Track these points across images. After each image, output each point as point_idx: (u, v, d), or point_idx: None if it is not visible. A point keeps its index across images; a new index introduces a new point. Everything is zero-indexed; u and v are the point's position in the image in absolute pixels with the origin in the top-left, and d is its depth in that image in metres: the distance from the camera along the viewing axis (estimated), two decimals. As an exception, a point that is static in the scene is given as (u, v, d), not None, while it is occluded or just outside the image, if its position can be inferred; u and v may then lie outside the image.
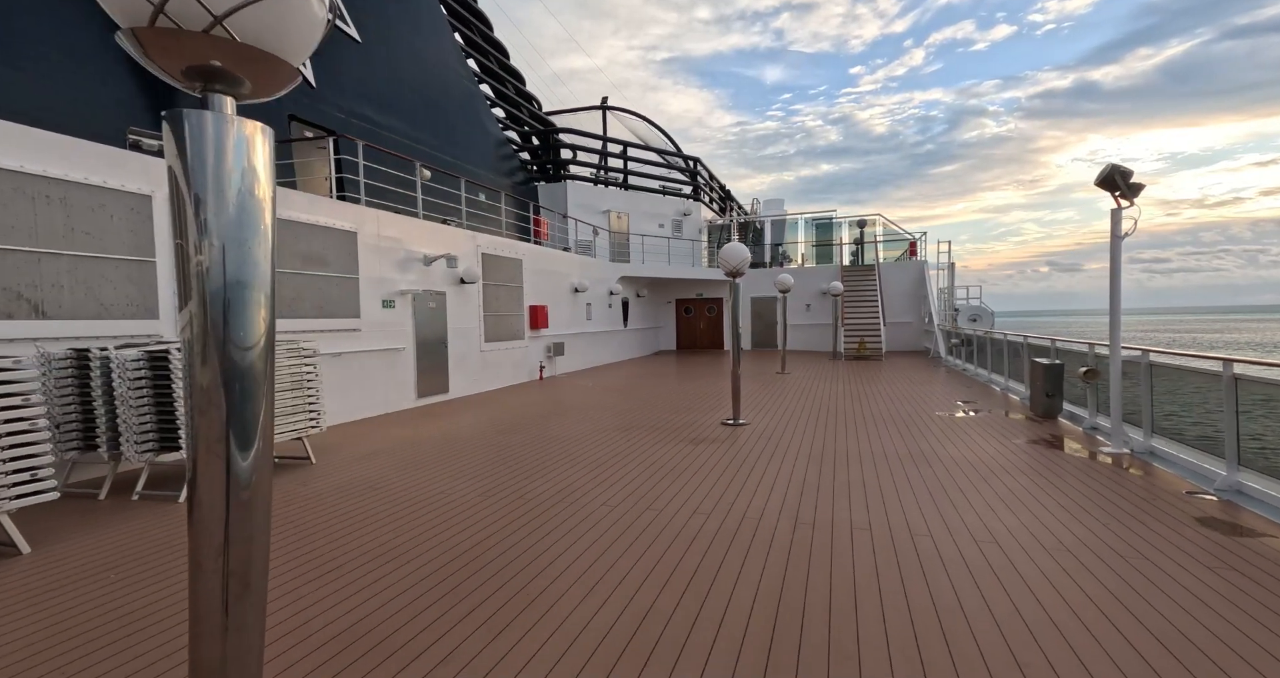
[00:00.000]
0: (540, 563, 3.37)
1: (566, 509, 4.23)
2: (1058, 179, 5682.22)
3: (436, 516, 4.16)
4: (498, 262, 11.64)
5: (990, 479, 4.87)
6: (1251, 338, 61.03)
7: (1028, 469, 5.15)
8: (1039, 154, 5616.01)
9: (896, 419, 7.63)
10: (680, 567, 3.30)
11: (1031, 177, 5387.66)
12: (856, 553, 3.45)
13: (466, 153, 15.12)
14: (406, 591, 3.05)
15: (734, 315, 7.49)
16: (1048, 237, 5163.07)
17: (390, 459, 5.77)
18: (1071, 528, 3.76)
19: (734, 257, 7.31)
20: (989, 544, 3.54)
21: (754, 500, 4.42)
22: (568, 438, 6.74)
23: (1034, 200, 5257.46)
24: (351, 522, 4.07)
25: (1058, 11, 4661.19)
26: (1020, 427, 7.01)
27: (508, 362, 11.94)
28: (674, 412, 8.51)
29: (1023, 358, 9.13)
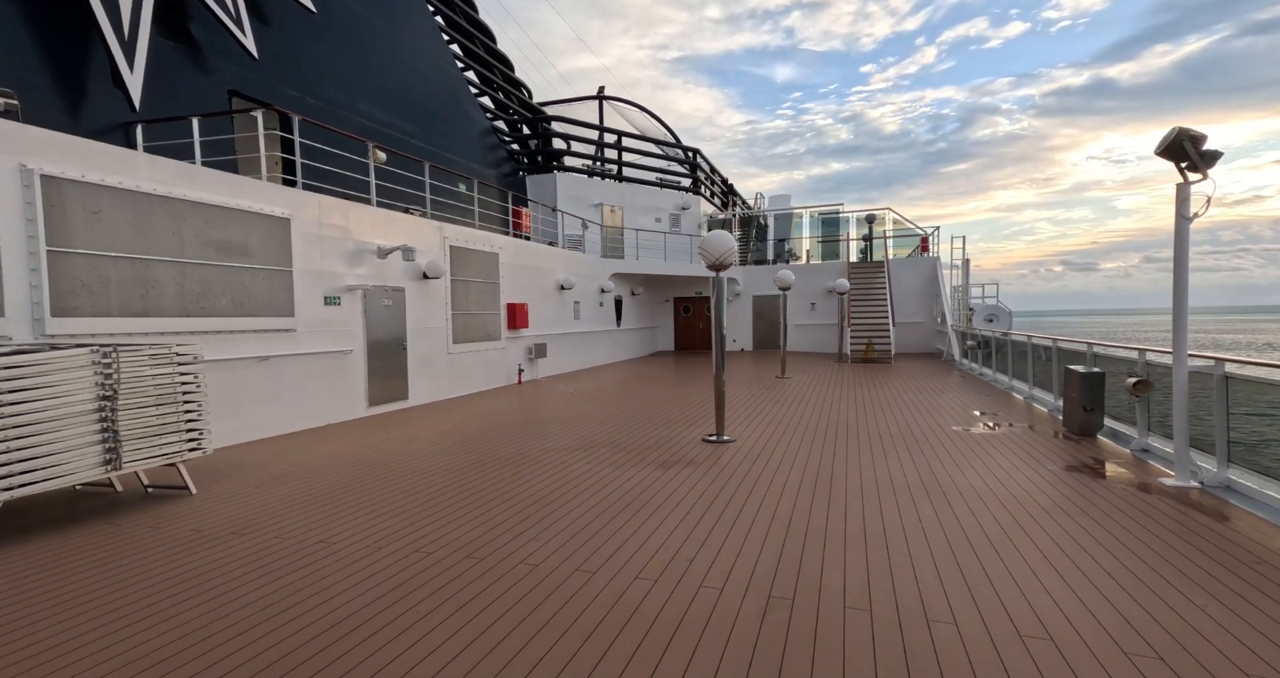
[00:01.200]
0: (401, 664, 2.39)
1: (470, 572, 3.24)
2: (1072, 177, 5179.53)
3: (300, 578, 3.18)
4: (469, 255, 10.68)
5: (1028, 524, 3.82)
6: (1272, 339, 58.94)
7: (1074, 509, 4.09)
8: (1053, 152, 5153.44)
9: (907, 435, 6.58)
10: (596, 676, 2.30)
11: (1045, 175, 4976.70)
12: (849, 653, 2.43)
13: (445, 140, 14.17)
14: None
15: (717, 315, 6.47)
16: (1062, 236, 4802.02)
17: (294, 488, 4.81)
18: (1152, 609, 2.72)
19: (717, 247, 6.30)
20: (1038, 640, 2.51)
21: (720, 557, 3.41)
22: (518, 459, 5.76)
23: (1048, 199, 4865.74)
24: (187, 585, 3.11)
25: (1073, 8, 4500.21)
26: (1054, 447, 5.93)
27: (481, 365, 10.99)
28: (653, 424, 7.51)
29: (1052, 364, 8.03)
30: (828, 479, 4.93)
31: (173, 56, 7.87)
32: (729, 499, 4.43)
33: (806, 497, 4.47)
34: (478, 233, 10.96)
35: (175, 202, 5.71)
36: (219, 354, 6.10)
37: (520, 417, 8.16)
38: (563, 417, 8.11)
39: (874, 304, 17.79)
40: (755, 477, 5.03)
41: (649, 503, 4.36)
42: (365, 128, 11.53)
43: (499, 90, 17.97)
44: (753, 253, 22.91)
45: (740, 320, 20.74)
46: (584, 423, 7.62)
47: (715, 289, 6.45)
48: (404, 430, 7.23)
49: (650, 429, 7.18)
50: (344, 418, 7.82)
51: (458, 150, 14.83)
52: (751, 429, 7.10)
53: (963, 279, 17.64)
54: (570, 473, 5.21)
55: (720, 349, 6.51)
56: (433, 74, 14.09)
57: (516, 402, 9.61)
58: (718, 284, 6.44)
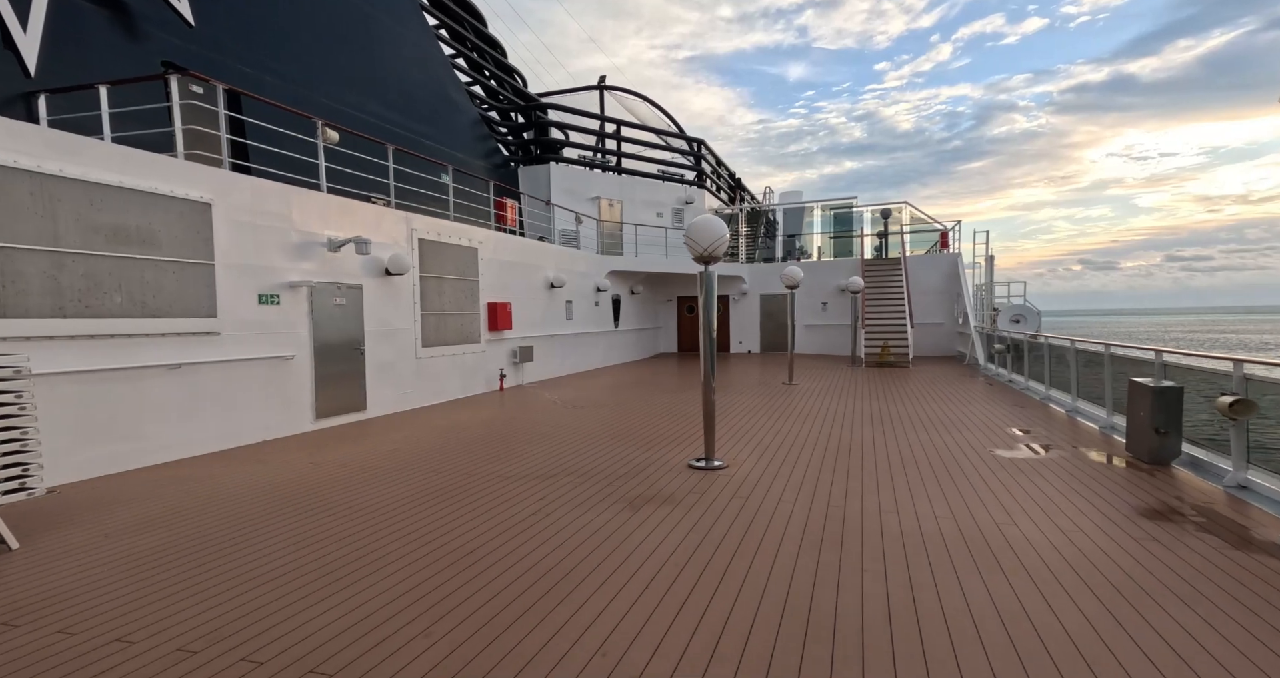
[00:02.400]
0: None
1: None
2: (1091, 175, 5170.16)
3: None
4: (443, 250, 9.70)
5: (1123, 612, 2.72)
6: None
7: (1178, 583, 2.98)
8: (1071, 150, 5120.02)
9: (935, 461, 5.47)
10: None
11: (1064, 173, 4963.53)
12: None
13: (427, 127, 13.23)
14: None
15: (705, 317, 5.41)
16: (1080, 234, 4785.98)
17: (152, 540, 3.81)
18: None
19: (704, 235, 5.23)
20: None
21: (682, 668, 2.35)
22: (461, 492, 4.74)
23: (1066, 197, 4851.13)
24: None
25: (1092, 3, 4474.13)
26: (1121, 480, 4.79)
27: (456, 370, 10.01)
28: (635, 442, 6.46)
29: (1104, 374, 6.86)
30: (839, 528, 3.85)
31: (93, 20, 6.96)
32: (706, 562, 3.36)
33: (810, 558, 3.39)
34: (453, 225, 9.98)
35: (47, 178, 4.76)
36: (110, 362, 5.15)
37: (487, 431, 7.15)
38: (536, 431, 7.09)
39: (890, 304, 16.59)
40: (746, 523, 3.96)
41: (600, 568, 3.31)
42: (333, 111, 10.60)
43: (491, 78, 17.02)
44: (761, 250, 21.78)
45: (746, 321, 19.62)
46: (556, 440, 6.60)
47: (703, 286, 5.39)
48: (347, 450, 6.25)
49: (630, 450, 6.13)
50: (284, 433, 6.86)
51: (442, 139, 13.89)
52: (749, 450, 6.02)
53: (986, 277, 16.39)
54: (514, 515, 4.17)
55: (709, 357, 5.44)
56: (413, 55, 13.14)
57: (491, 412, 8.61)
58: (706, 280, 5.37)
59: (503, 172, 16.62)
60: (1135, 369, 6.09)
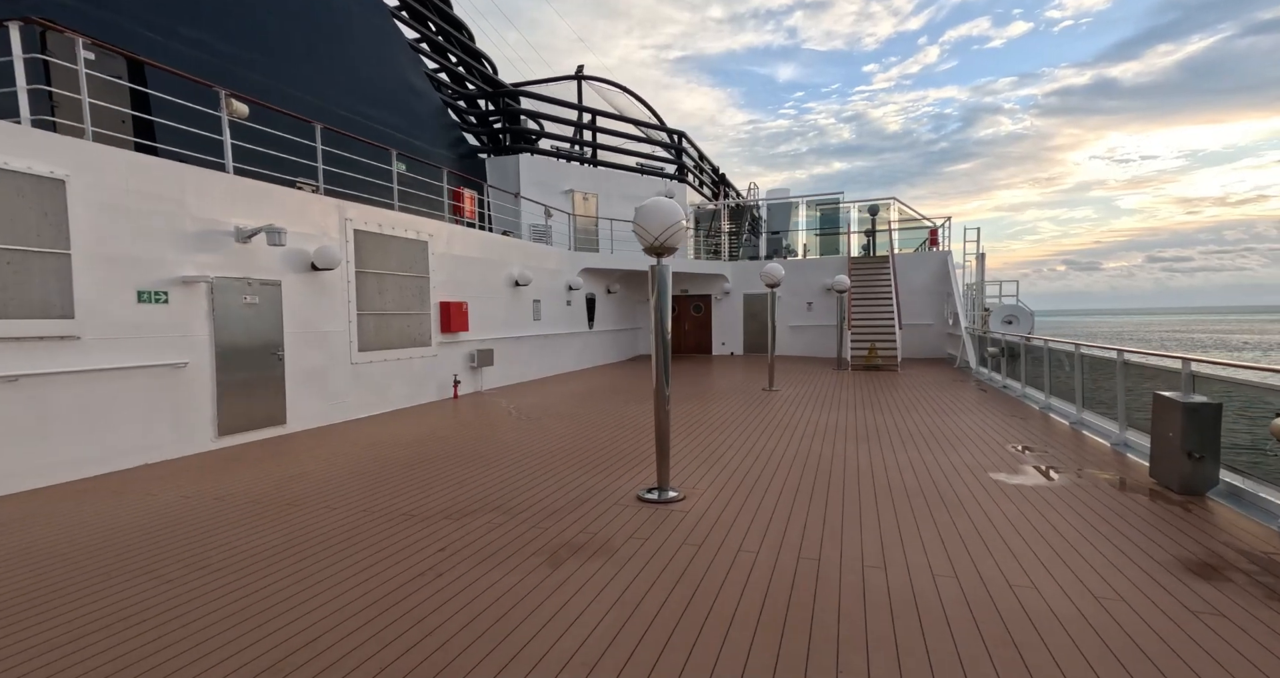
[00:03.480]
0: None
1: None
2: (1075, 177, 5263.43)
3: None
4: (385, 243, 8.74)
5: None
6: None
7: None
8: (1056, 152, 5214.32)
9: (929, 487, 4.64)
10: None
11: (1048, 174, 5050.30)
12: None
13: (380, 111, 12.23)
14: None
15: (657, 318, 4.53)
16: (1064, 235, 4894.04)
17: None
18: None
19: (656, 220, 4.35)
20: None
21: None
22: (353, 534, 3.82)
23: (1050, 198, 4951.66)
24: None
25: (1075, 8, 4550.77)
26: (1149, 516, 3.98)
27: (401, 376, 9.05)
28: (585, 464, 5.56)
29: (1116, 384, 6.08)
30: (810, 593, 2.99)
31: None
32: (626, 658, 2.48)
33: (768, 647, 2.52)
34: (398, 216, 9.02)
35: None
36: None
37: (418, 451, 6.22)
38: (473, 450, 6.18)
39: (878, 304, 15.85)
40: (691, 587, 3.09)
41: (488, 662, 2.42)
42: (263, 88, 9.59)
43: (459, 64, 16.02)
44: (746, 248, 20.98)
45: (729, 321, 18.81)
46: (493, 462, 5.69)
47: (655, 284, 4.51)
48: (243, 475, 5.29)
49: (577, 474, 5.24)
50: (175, 454, 5.87)
51: (398, 125, 12.89)
52: (713, 475, 5.15)
53: (977, 276, 15.71)
54: (402, 574, 3.26)
55: (663, 369, 4.56)
56: (364, 32, 12.14)
57: (434, 425, 7.67)
58: (658, 277, 4.49)
59: (468, 162, 15.63)
60: (1164, 382, 5.31)
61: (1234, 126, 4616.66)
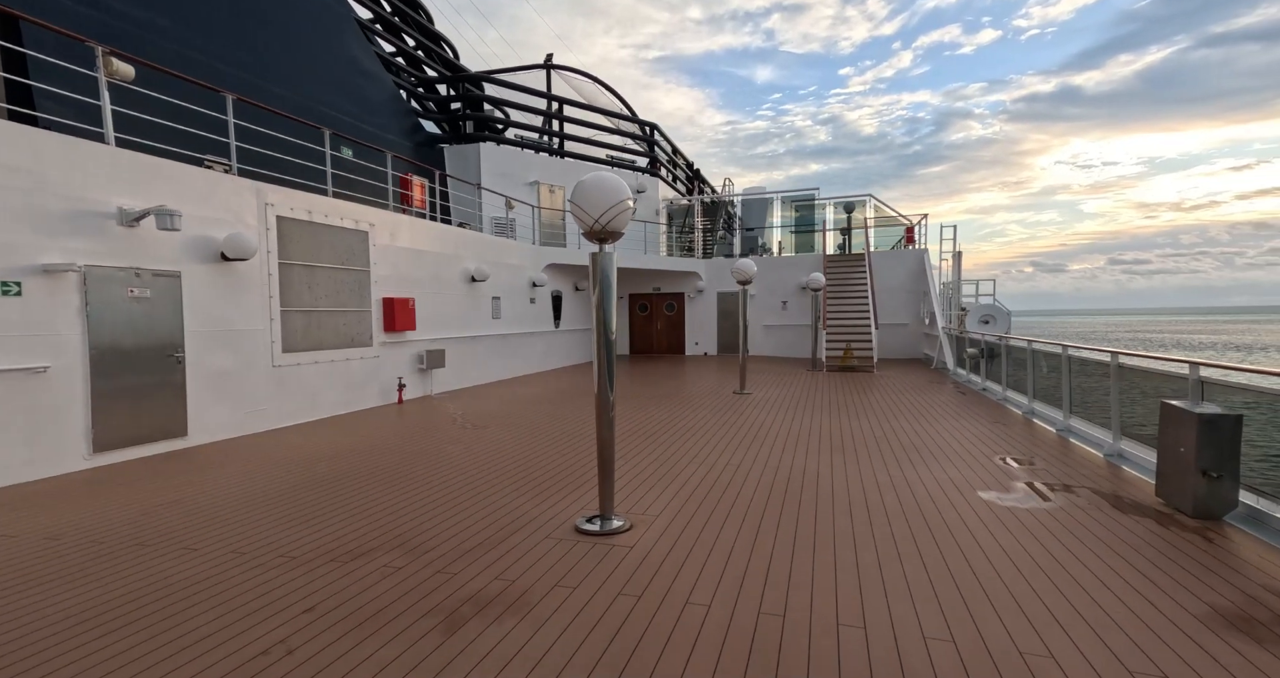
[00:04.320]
0: None
1: None
2: (1041, 181, 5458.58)
3: None
4: (316, 232, 7.86)
5: None
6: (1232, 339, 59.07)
7: None
8: (1023, 156, 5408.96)
9: (910, 511, 4.03)
10: None
11: (1016, 178, 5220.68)
12: None
13: (325, 91, 11.27)
14: None
15: (600, 316, 3.83)
16: (1031, 238, 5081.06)
17: None
18: None
19: (595, 199, 3.65)
20: None
21: None
22: (195, 586, 3.02)
23: (1018, 202, 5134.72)
24: None
25: (1041, 17, 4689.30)
26: (1166, 548, 3.43)
27: (335, 380, 8.18)
28: (522, 485, 4.83)
29: (1103, 386, 5.59)
30: (773, 653, 2.32)
31: None
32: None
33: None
34: (331, 202, 8.14)
35: None
36: None
37: (337, 466, 5.41)
38: (402, 465, 5.39)
39: (853, 302, 15.40)
40: (625, 651, 2.39)
41: None
42: (181, 59, 8.60)
43: (418, 47, 15.07)
44: (720, 245, 20.43)
45: (702, 320, 18.22)
46: (417, 481, 4.91)
47: (596, 276, 3.81)
48: (106, 502, 4.42)
49: (511, 496, 4.51)
50: (30, 476, 4.95)
51: (343, 107, 11.94)
52: (669, 496, 4.47)
53: (954, 275, 15.39)
54: (240, 652, 2.49)
55: (605, 374, 3.87)
56: (304, 3, 11.17)
57: (365, 435, 6.84)
58: (599, 268, 3.78)
59: (426, 151, 14.71)
60: (1167, 390, 4.80)
61: (1188, 135, 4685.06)
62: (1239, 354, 43.96)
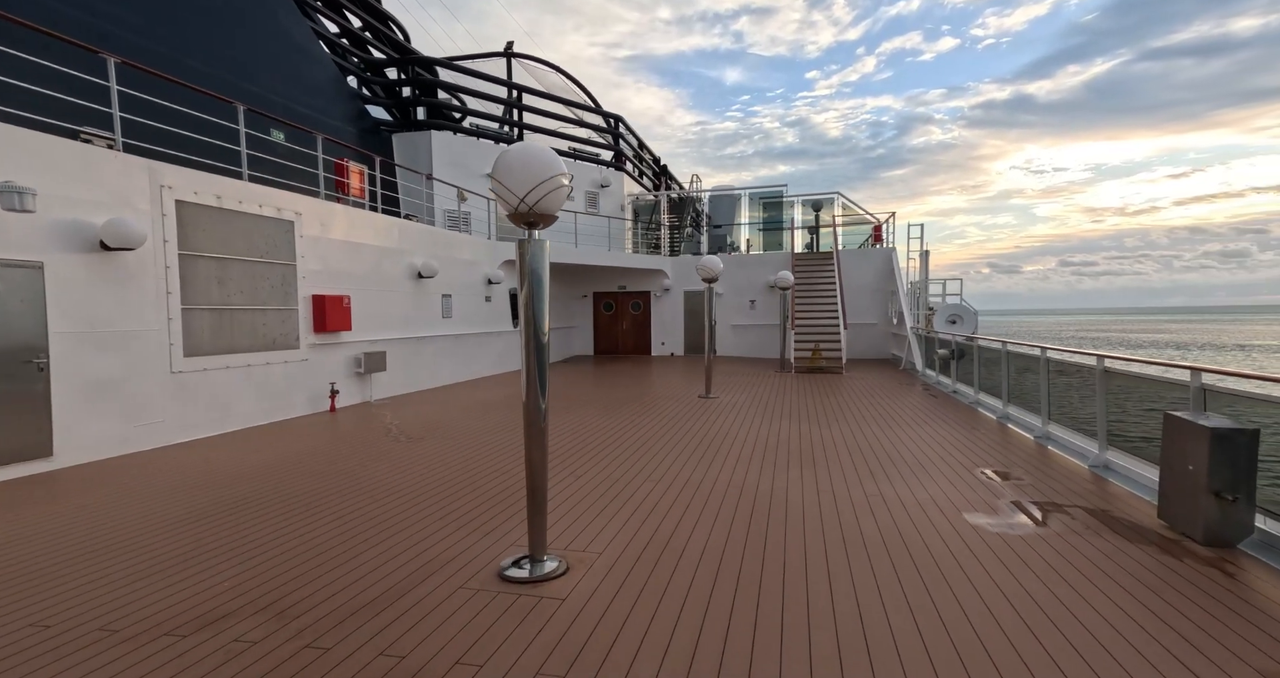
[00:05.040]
0: None
1: None
2: (997, 185, 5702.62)
3: None
4: (228, 220, 6.94)
5: None
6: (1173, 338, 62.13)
7: None
8: (981, 161, 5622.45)
9: (895, 545, 3.49)
10: None
11: (974, 182, 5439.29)
12: None
13: (247, 65, 10.23)
14: None
15: (528, 316, 3.17)
16: (988, 240, 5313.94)
17: None
18: None
19: (523, 174, 2.98)
20: None
21: None
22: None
23: (976, 205, 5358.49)
24: None
25: (997, 27, 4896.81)
26: (1179, 582, 2.96)
27: (254, 386, 7.27)
28: (448, 515, 4.13)
29: (1096, 395, 5.20)
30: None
31: None
32: None
33: None
34: (246, 187, 7.22)
35: None
36: None
37: (232, 492, 4.59)
38: (308, 492, 4.61)
39: (822, 301, 15.07)
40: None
41: None
42: (75, 24, 7.54)
43: (365, 27, 14.03)
44: (687, 243, 19.91)
45: (669, 320, 17.66)
46: (321, 511, 4.15)
47: (524, 267, 3.15)
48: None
49: (431, 528, 3.80)
50: None
51: (276, 87, 10.90)
52: (616, 525, 3.84)
53: (921, 274, 15.22)
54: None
55: (535, 386, 3.21)
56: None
57: (282, 451, 6.00)
58: (528, 257, 3.13)
59: (373, 138, 13.72)
60: (1167, 398, 4.40)
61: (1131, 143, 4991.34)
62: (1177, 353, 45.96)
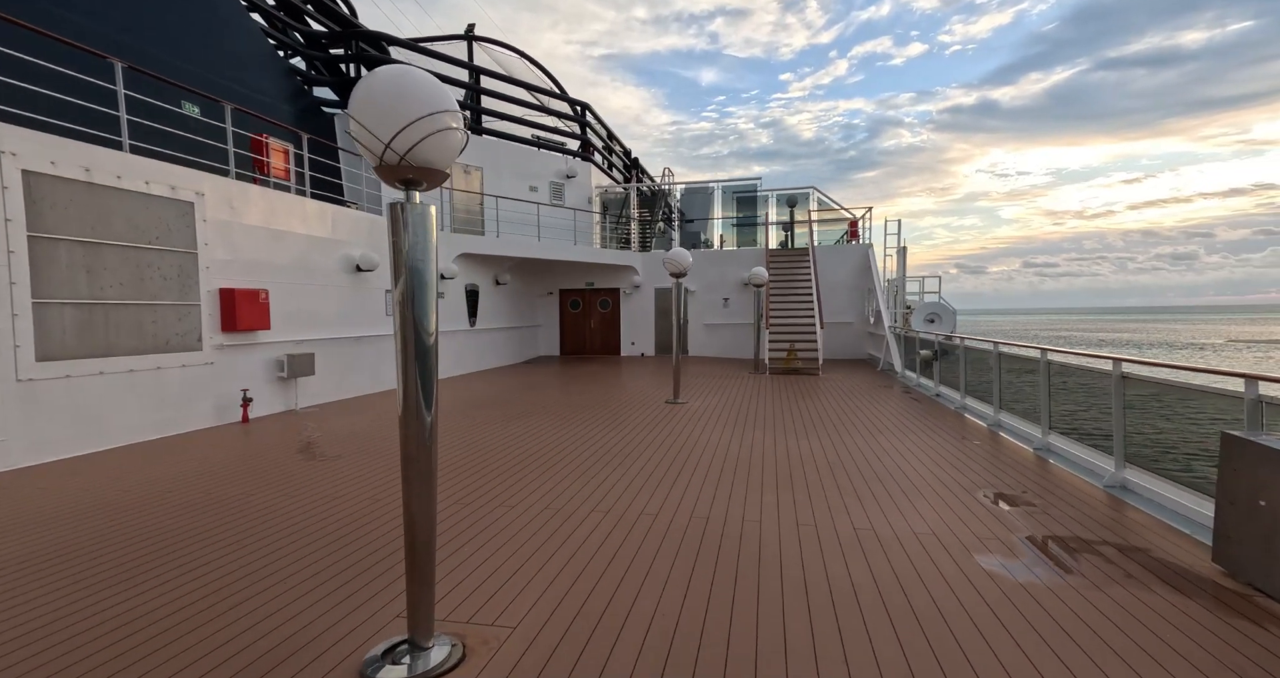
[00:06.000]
0: None
1: None
2: (964, 188, 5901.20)
3: None
4: (103, 198, 5.84)
5: None
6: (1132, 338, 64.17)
7: None
8: (949, 164, 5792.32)
9: (891, 594, 2.71)
10: None
11: (942, 184, 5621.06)
12: None
13: (148, 29, 9.01)
14: None
15: (405, 311, 2.29)
16: (956, 241, 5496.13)
17: None
18: None
19: (392, 111, 2.10)
20: None
21: None
22: None
23: (944, 207, 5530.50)
24: None
25: (963, 34, 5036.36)
26: (1256, 647, 2.25)
27: (138, 395, 6.18)
28: (337, 565, 3.20)
29: (1112, 407, 4.53)
30: None
31: None
32: None
33: None
34: (127, 159, 6.11)
35: None
36: None
37: (60, 537, 3.58)
38: (164, 533, 3.63)
39: (797, 300, 14.43)
40: None
41: None
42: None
43: None
44: (658, 239, 19.10)
45: (639, 319, 16.83)
46: (170, 562, 3.19)
47: (396, 238, 2.27)
48: None
49: (301, 591, 2.88)
50: None
51: (197, 57, 9.69)
52: (543, 581, 2.96)
53: (899, 271, 14.71)
54: None
55: (416, 404, 2.33)
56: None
57: (156, 473, 4.95)
58: (407, 226, 2.25)
59: (312, 118, 12.53)
60: (1208, 409, 3.74)
61: (1088, 149, 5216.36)
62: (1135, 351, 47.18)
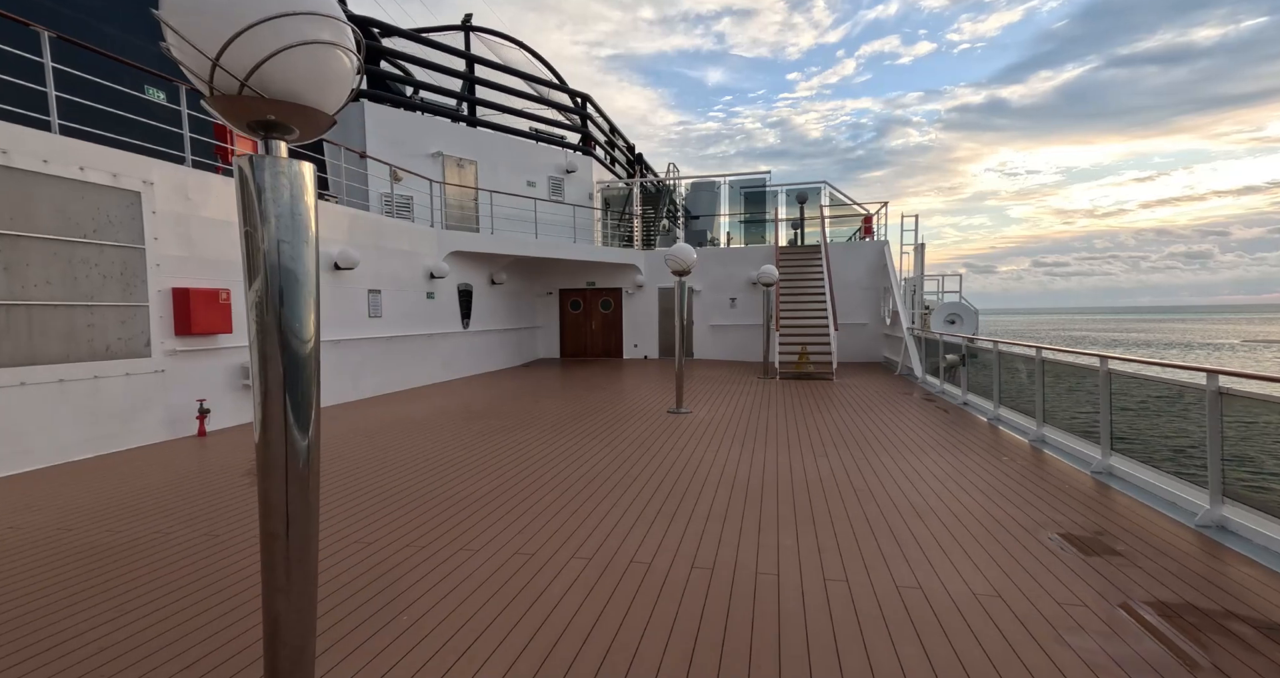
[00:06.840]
0: None
1: None
2: (973, 187, 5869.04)
3: None
4: (25, 185, 5.16)
5: None
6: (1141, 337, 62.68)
7: None
8: (957, 163, 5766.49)
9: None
10: None
11: (950, 184, 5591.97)
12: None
13: (102, 7, 8.37)
14: None
15: (262, 316, 1.74)
16: (964, 241, 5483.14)
17: None
18: None
19: (211, 7, 1.35)
20: None
21: None
22: None
23: (952, 206, 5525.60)
24: None
25: (972, 32, 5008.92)
26: None
27: (70, 408, 5.50)
28: (224, 647, 2.46)
29: (1206, 424, 3.73)
30: None
31: None
32: None
33: None
34: (57, 141, 5.43)
35: None
36: None
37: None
38: (54, 581, 2.91)
39: (809, 300, 13.63)
40: None
41: None
42: None
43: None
44: (663, 237, 18.35)
45: (642, 320, 16.09)
46: (34, 632, 2.47)
47: (247, 206, 1.53)
48: None
49: None
50: None
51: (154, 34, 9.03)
52: (498, 660, 2.22)
53: (916, 269, 13.87)
54: None
55: (283, 437, 1.57)
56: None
57: (62, 502, 4.26)
58: (264, 192, 1.51)
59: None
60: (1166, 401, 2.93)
61: (1099, 147, 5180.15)
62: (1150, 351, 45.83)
